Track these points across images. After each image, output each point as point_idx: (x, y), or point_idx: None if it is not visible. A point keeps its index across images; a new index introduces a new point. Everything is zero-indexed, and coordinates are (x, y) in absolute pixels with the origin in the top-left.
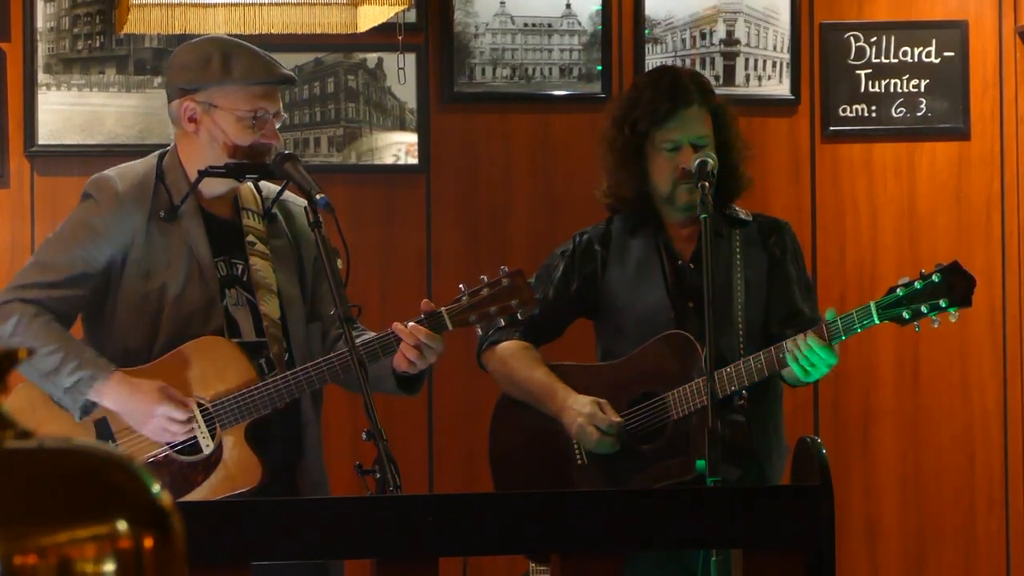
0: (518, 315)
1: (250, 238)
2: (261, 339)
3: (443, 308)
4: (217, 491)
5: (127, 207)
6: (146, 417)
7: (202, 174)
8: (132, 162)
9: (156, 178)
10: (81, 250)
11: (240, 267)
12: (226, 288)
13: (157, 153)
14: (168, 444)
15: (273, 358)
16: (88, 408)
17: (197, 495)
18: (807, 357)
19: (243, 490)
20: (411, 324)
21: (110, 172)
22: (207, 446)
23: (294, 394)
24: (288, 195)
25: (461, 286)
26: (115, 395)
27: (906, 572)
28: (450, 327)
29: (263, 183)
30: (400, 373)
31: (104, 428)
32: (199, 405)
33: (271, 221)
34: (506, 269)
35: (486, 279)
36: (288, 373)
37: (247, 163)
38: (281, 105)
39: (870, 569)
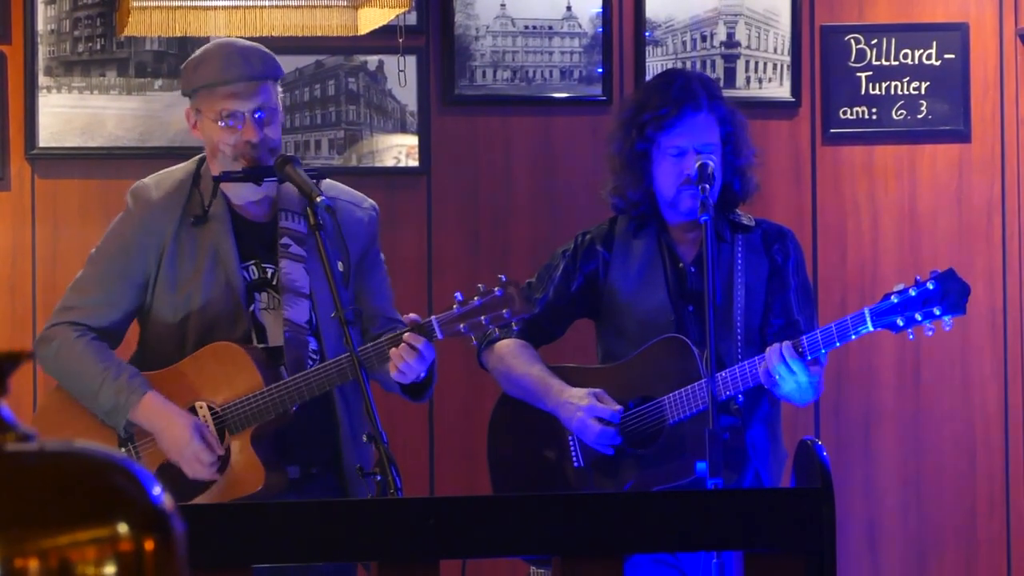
0: (513, 326)
1: (284, 240)
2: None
3: (433, 317)
4: (223, 495)
5: (157, 215)
6: (178, 453)
7: (216, 179)
8: (174, 167)
9: (192, 183)
10: (117, 264)
11: (271, 270)
12: (256, 292)
13: (198, 157)
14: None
15: (287, 365)
16: (130, 427)
17: (204, 498)
18: (777, 368)
19: (247, 494)
20: (407, 337)
21: (149, 179)
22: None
23: (295, 400)
24: (333, 188)
25: (457, 295)
26: (152, 422)
27: (907, 574)
28: (440, 336)
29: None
30: (396, 381)
31: (128, 428)
32: (210, 409)
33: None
34: (504, 279)
35: (483, 288)
36: (289, 380)
37: (264, 167)
38: (262, 101)
39: (871, 571)
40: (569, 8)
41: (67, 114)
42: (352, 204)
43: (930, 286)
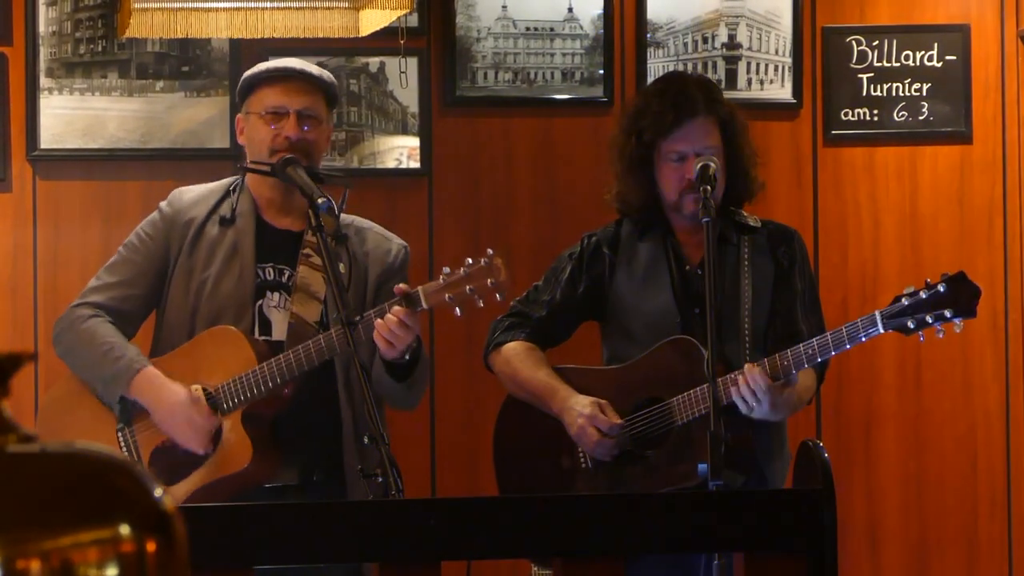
0: (496, 296)
1: (306, 251)
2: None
3: (419, 287)
4: (213, 473)
5: (185, 212)
6: (171, 421)
7: (242, 168)
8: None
9: (225, 193)
10: (141, 252)
11: (287, 273)
12: (269, 291)
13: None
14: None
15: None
16: (126, 403)
17: (196, 476)
18: (752, 391)
19: (233, 472)
20: (392, 307)
21: (189, 187)
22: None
23: (286, 376)
24: (367, 223)
25: (445, 268)
26: (148, 394)
27: (908, 575)
28: (424, 305)
29: (343, 212)
30: (383, 357)
31: (126, 413)
32: (204, 391)
33: (341, 241)
34: (491, 251)
35: (470, 260)
36: (280, 356)
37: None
38: (310, 103)
39: (872, 572)
40: (570, 10)
41: (68, 115)
42: (382, 236)
43: (940, 289)
